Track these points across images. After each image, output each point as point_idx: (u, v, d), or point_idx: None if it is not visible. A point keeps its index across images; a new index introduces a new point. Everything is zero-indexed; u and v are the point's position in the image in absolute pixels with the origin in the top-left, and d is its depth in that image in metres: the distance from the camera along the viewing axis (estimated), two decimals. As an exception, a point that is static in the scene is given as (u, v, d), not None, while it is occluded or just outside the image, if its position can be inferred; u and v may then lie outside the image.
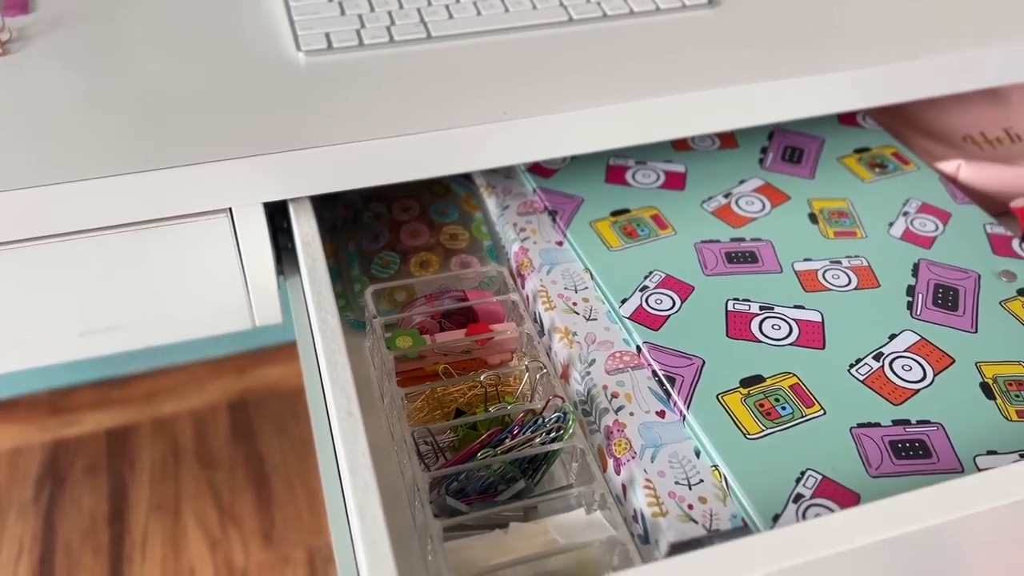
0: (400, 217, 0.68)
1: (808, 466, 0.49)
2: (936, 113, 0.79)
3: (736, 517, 0.48)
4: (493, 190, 0.70)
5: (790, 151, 0.71)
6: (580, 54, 0.65)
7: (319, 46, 0.64)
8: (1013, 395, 0.53)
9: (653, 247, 0.63)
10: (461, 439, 0.52)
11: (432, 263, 0.64)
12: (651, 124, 0.63)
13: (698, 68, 0.64)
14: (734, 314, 0.58)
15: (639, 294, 0.59)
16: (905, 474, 0.49)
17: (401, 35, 0.65)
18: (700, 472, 0.50)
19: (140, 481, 1.44)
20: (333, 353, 0.49)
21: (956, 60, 0.67)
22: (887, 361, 0.55)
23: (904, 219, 0.65)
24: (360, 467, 0.44)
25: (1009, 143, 0.77)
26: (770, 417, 0.51)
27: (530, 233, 0.65)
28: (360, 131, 0.57)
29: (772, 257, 0.62)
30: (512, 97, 0.61)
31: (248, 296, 0.62)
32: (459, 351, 0.57)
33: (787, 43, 0.67)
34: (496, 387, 0.54)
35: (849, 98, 0.66)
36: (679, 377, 0.54)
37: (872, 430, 0.51)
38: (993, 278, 0.60)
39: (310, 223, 0.58)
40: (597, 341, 0.57)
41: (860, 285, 0.60)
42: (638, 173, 0.69)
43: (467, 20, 0.67)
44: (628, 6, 0.69)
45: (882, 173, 0.69)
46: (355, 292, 0.62)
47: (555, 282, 0.61)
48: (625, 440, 0.51)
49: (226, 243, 0.59)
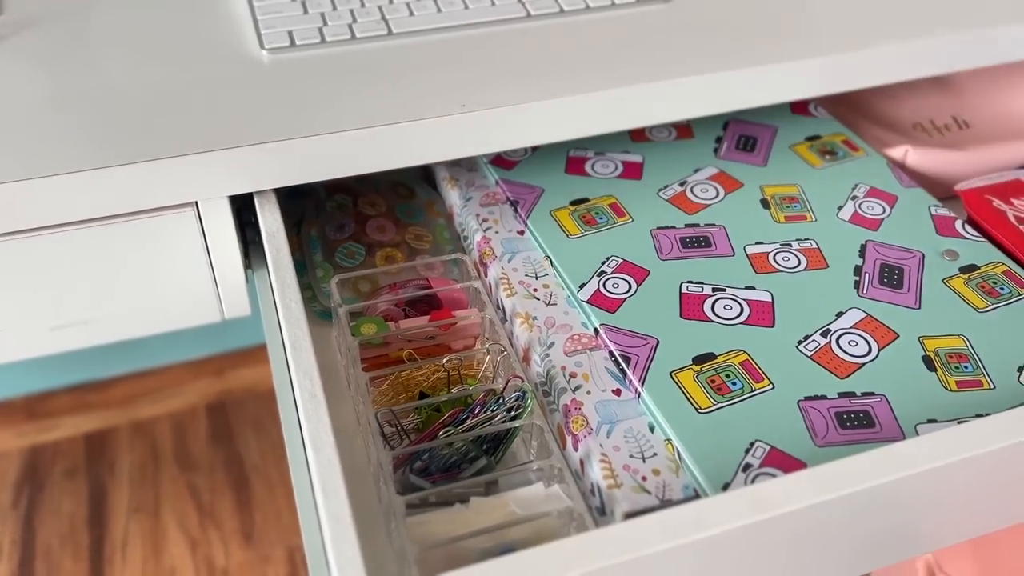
0: (367, 211, 0.69)
1: (757, 437, 0.51)
2: (887, 102, 0.82)
3: (688, 487, 0.50)
4: (456, 183, 0.71)
5: (744, 140, 0.74)
6: (538, 48, 0.67)
7: (282, 44, 0.66)
8: (953, 367, 0.55)
9: (611, 234, 0.65)
10: (425, 420, 0.54)
11: (397, 259, 0.66)
12: (608, 115, 0.65)
13: (654, 60, 0.66)
14: (688, 296, 0.60)
15: (597, 279, 0.61)
16: (849, 443, 0.51)
17: (363, 32, 0.67)
18: (654, 446, 0.52)
19: (119, 484, 1.45)
20: (297, 338, 0.51)
21: (903, 49, 0.69)
22: (834, 337, 0.57)
23: (853, 203, 0.67)
24: (324, 445, 0.46)
25: (957, 130, 0.80)
26: (721, 392, 0.53)
27: (492, 223, 0.67)
28: (322, 125, 0.59)
29: (725, 241, 0.64)
30: (471, 90, 0.62)
31: (216, 289, 0.64)
32: (423, 337, 0.59)
33: (739, 35, 0.69)
34: (459, 370, 0.56)
35: (800, 87, 0.69)
36: (634, 357, 0.56)
37: (818, 402, 0.53)
38: (937, 257, 0.63)
39: (275, 215, 0.59)
40: (556, 325, 0.59)
41: (809, 266, 0.62)
42: (597, 164, 0.71)
43: (428, 17, 0.69)
44: (584, 2, 0.71)
45: (832, 160, 0.72)
46: (318, 278, 0.64)
47: (516, 269, 0.63)
48: (582, 417, 0.53)
49: (193, 237, 0.60)
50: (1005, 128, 0.79)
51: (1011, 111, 0.81)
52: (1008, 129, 0.79)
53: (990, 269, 0.62)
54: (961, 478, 0.47)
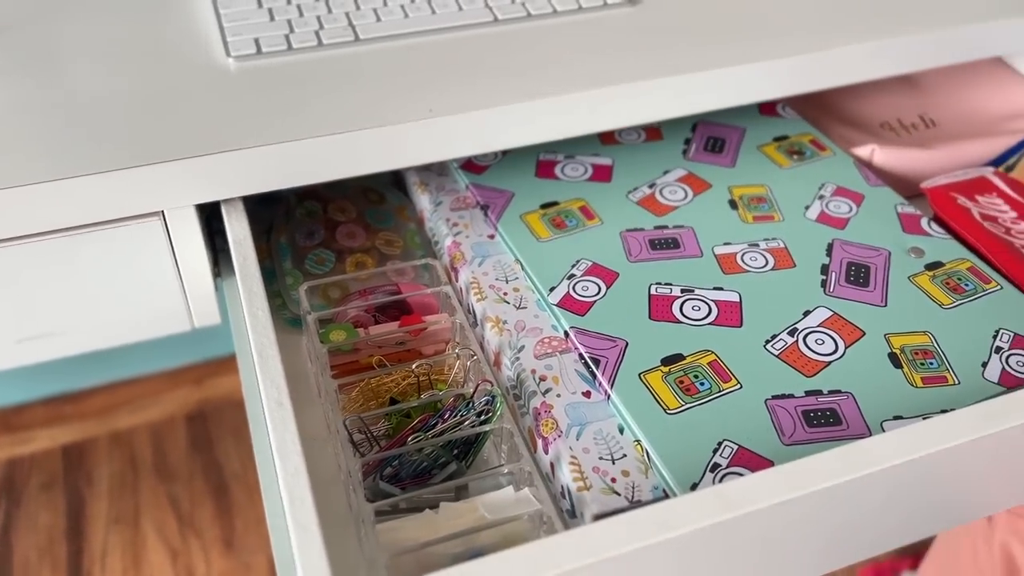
0: (336, 217, 0.69)
1: (725, 437, 0.51)
2: (855, 101, 0.83)
3: (657, 488, 0.50)
4: (426, 187, 0.71)
5: (712, 141, 0.74)
6: (505, 53, 0.67)
7: (248, 51, 0.65)
8: (919, 363, 0.56)
9: (580, 237, 0.65)
10: (395, 426, 0.54)
11: (368, 265, 0.66)
12: (577, 118, 0.65)
13: (621, 63, 0.66)
14: (656, 297, 0.60)
15: (567, 282, 0.61)
16: (816, 441, 0.51)
17: (330, 38, 0.67)
18: (623, 447, 0.52)
19: (98, 495, 1.43)
20: (264, 347, 0.51)
21: (869, 48, 0.70)
22: (801, 336, 0.57)
23: (820, 202, 0.68)
24: (290, 453, 0.45)
25: (924, 128, 0.80)
26: (689, 393, 0.54)
27: (462, 228, 0.67)
28: (289, 132, 0.59)
29: (693, 242, 0.64)
30: (438, 95, 0.63)
31: (185, 298, 0.63)
32: (393, 343, 0.59)
33: (706, 37, 0.69)
34: (429, 375, 0.56)
35: (767, 88, 0.69)
36: (604, 359, 0.56)
37: (786, 401, 0.53)
38: (903, 255, 0.63)
39: (242, 223, 0.59)
40: (527, 328, 0.59)
41: (777, 266, 0.62)
42: (567, 167, 0.72)
43: (394, 23, 0.69)
44: (551, 6, 0.72)
45: (800, 160, 0.72)
46: (287, 285, 0.64)
47: (486, 274, 0.63)
48: (552, 420, 0.53)
49: (160, 246, 0.60)
50: (971, 126, 0.80)
51: (976, 109, 0.82)
52: (974, 127, 0.80)
53: (955, 266, 0.62)
54: (926, 474, 0.47)
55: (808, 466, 0.45)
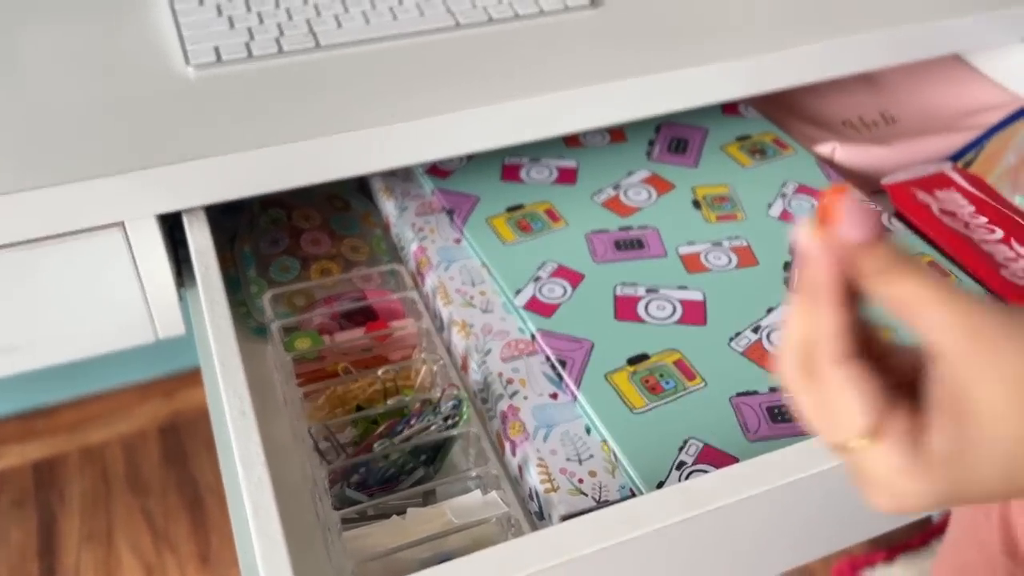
0: (301, 224, 0.69)
1: (690, 435, 0.52)
2: (817, 100, 0.84)
3: (624, 487, 0.50)
4: (392, 193, 0.71)
5: (676, 142, 0.74)
6: (468, 57, 0.67)
7: (208, 59, 0.65)
8: (880, 357, 0.56)
9: (546, 239, 0.65)
10: (361, 433, 0.53)
11: (333, 272, 0.65)
12: (540, 122, 0.65)
13: (584, 66, 0.66)
14: (622, 298, 0.60)
15: (533, 284, 0.61)
16: (781, 436, 0.52)
17: (290, 46, 0.67)
18: (590, 448, 0.52)
19: (70, 512, 1.41)
20: (227, 356, 0.50)
21: (826, 48, 0.71)
22: (765, 333, 0.58)
23: (782, 200, 0.68)
24: (254, 464, 0.45)
25: (885, 125, 0.82)
26: (655, 392, 0.54)
27: (428, 232, 0.67)
28: (249, 140, 0.58)
29: (658, 243, 0.65)
30: (401, 101, 0.62)
31: (148, 309, 0.63)
32: (359, 349, 0.58)
33: (668, 39, 0.70)
34: (395, 381, 0.56)
35: (729, 88, 0.70)
36: (570, 360, 0.56)
37: (750, 398, 0.54)
38: (863, 251, 0.64)
39: (204, 233, 0.58)
40: (493, 332, 0.59)
41: (740, 264, 0.63)
42: (532, 170, 0.72)
43: (356, 29, 0.69)
44: (513, 10, 0.72)
45: (762, 158, 0.73)
46: (252, 294, 0.63)
47: (453, 278, 0.63)
48: (519, 423, 0.53)
49: (121, 257, 0.60)
50: (930, 122, 0.81)
51: (936, 106, 0.84)
52: (933, 123, 0.81)
53: (915, 260, 0.63)
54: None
55: (770, 461, 0.45)
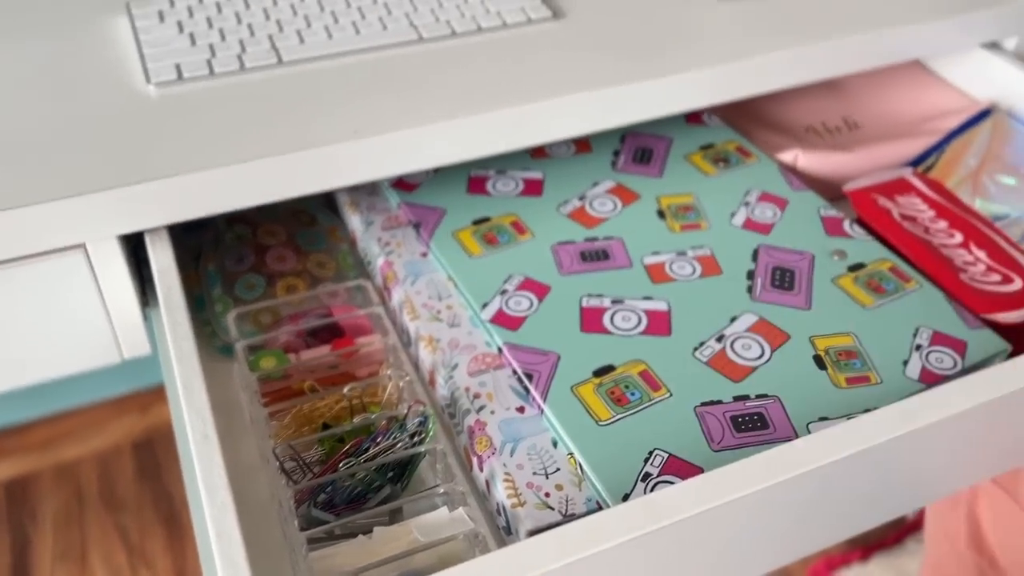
0: (266, 241, 0.68)
1: (656, 446, 0.52)
2: (780, 107, 0.85)
3: (591, 500, 0.51)
4: (357, 207, 0.71)
5: (640, 152, 0.75)
6: (431, 71, 0.68)
7: (169, 77, 0.65)
8: (843, 364, 0.57)
9: (512, 252, 0.65)
10: (328, 452, 0.53)
11: (299, 288, 0.65)
12: (505, 135, 0.65)
13: (548, 78, 0.67)
14: (587, 309, 0.61)
15: (499, 298, 0.61)
16: (744, 446, 0.52)
17: (252, 62, 0.66)
18: (557, 461, 0.53)
19: (43, 530, 1.40)
20: (189, 378, 0.50)
21: (788, 56, 0.72)
22: (728, 342, 0.58)
23: (745, 208, 0.69)
24: (217, 487, 0.45)
25: (847, 131, 0.83)
26: (620, 403, 0.54)
27: (394, 247, 0.67)
28: (212, 158, 0.58)
29: (623, 253, 0.65)
30: (363, 116, 0.62)
31: (113, 330, 0.62)
32: (326, 367, 0.58)
33: (631, 50, 0.70)
34: (361, 399, 0.56)
35: (692, 98, 0.70)
36: (536, 373, 0.56)
37: (714, 407, 0.54)
38: (826, 257, 0.65)
39: (166, 253, 0.58)
40: (460, 346, 0.59)
41: (704, 273, 0.63)
42: (498, 182, 0.72)
43: (318, 43, 0.69)
44: (476, 23, 0.72)
45: (726, 167, 0.73)
46: (217, 313, 0.63)
47: (419, 292, 0.63)
48: (486, 437, 0.54)
49: (84, 279, 0.59)
50: (891, 127, 0.82)
51: (897, 111, 0.85)
52: (893, 128, 0.82)
53: (877, 266, 0.64)
54: (849, 473, 0.49)
55: (733, 472, 0.46)
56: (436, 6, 0.74)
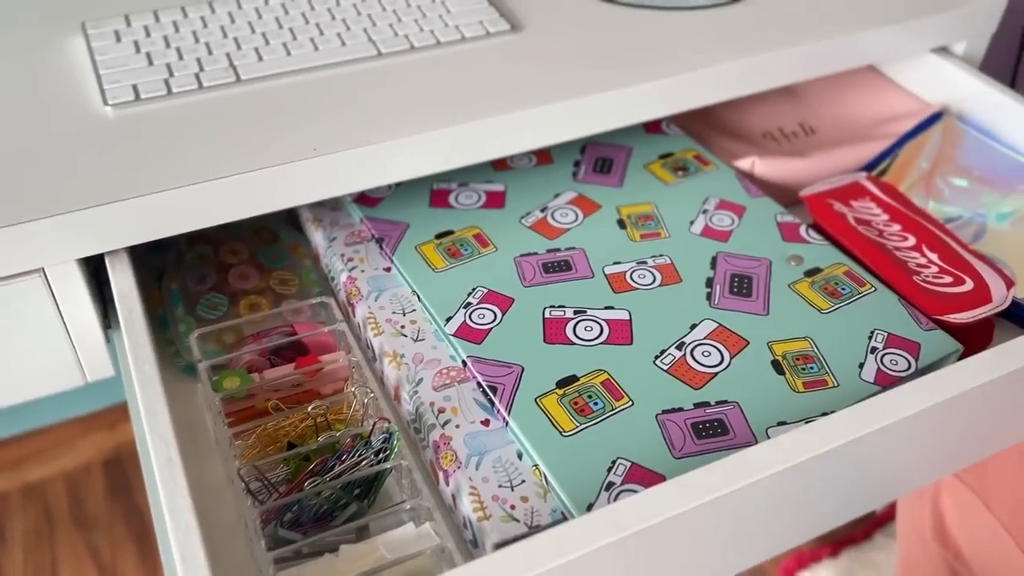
0: (228, 260, 0.68)
1: (619, 455, 0.53)
2: (737, 113, 0.86)
3: (556, 511, 0.51)
4: (320, 223, 0.71)
5: (601, 162, 0.76)
6: (391, 86, 0.68)
7: (127, 98, 0.64)
8: (800, 368, 0.58)
9: (476, 265, 0.66)
10: (294, 471, 0.54)
11: (262, 306, 0.65)
12: (465, 149, 0.66)
13: (508, 91, 0.67)
14: (550, 321, 0.61)
15: (463, 311, 0.62)
16: (705, 452, 0.53)
17: (210, 81, 0.66)
18: (522, 473, 0.53)
19: (12, 552, 1.38)
20: (152, 401, 0.50)
21: (744, 65, 0.73)
22: (688, 349, 0.59)
23: (704, 216, 0.70)
24: (181, 510, 0.45)
25: (804, 136, 0.84)
26: (583, 413, 0.55)
27: (358, 262, 0.67)
28: (171, 179, 0.58)
29: (585, 264, 0.66)
30: (323, 133, 0.63)
31: (75, 353, 0.62)
32: (290, 385, 0.58)
33: (589, 62, 0.71)
34: (326, 416, 0.56)
35: (650, 109, 0.71)
36: (501, 386, 0.57)
37: (675, 415, 0.55)
38: (783, 263, 0.66)
39: (126, 275, 0.58)
40: (425, 360, 0.60)
41: (664, 282, 0.64)
42: (461, 195, 0.72)
43: (277, 61, 0.69)
44: (434, 37, 0.72)
45: (684, 175, 0.74)
46: (180, 333, 0.63)
47: (383, 307, 0.64)
48: (451, 452, 0.54)
49: (44, 303, 0.59)
50: (848, 132, 0.84)
51: (853, 115, 0.86)
52: (851, 133, 0.84)
53: (832, 271, 0.65)
54: (806, 477, 0.50)
55: (694, 480, 0.47)
56: (395, 21, 0.74)
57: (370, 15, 0.75)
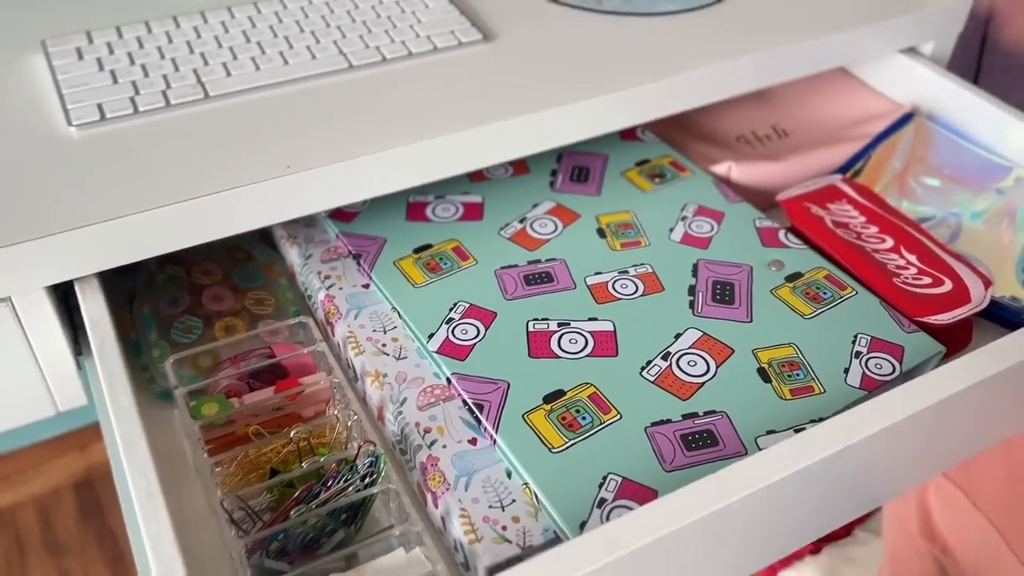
0: (201, 281, 0.67)
1: (609, 470, 0.52)
2: (711, 118, 0.86)
3: (548, 530, 0.50)
4: (295, 240, 0.70)
5: (578, 171, 0.75)
6: (364, 99, 0.67)
7: (92, 118, 0.63)
8: (786, 375, 0.58)
9: (456, 279, 0.65)
10: (278, 499, 0.52)
11: (238, 328, 0.64)
12: (441, 162, 0.65)
13: (482, 103, 0.67)
14: (534, 334, 0.60)
15: (445, 327, 0.61)
16: (696, 464, 0.53)
17: (178, 98, 0.65)
18: (512, 492, 0.52)
19: (-19, 582, 1.34)
20: (129, 436, 0.48)
21: (717, 70, 0.73)
22: (674, 359, 0.59)
23: (683, 223, 0.70)
24: (164, 545, 0.44)
25: (777, 139, 0.84)
26: (572, 428, 0.54)
27: (335, 279, 0.66)
28: (140, 201, 0.56)
29: (566, 275, 0.65)
30: (296, 149, 0.61)
31: (45, 383, 0.60)
32: (270, 409, 0.57)
33: (563, 70, 0.71)
34: (309, 440, 0.55)
35: (628, 115, 0.71)
36: (487, 403, 0.56)
37: (664, 427, 0.55)
38: (764, 269, 0.66)
39: (98, 301, 0.56)
40: (408, 379, 0.59)
41: (646, 291, 0.64)
42: (438, 207, 0.71)
43: (246, 76, 0.67)
44: (406, 48, 0.71)
45: (662, 182, 0.74)
46: (155, 358, 0.61)
47: (363, 326, 0.63)
48: (439, 473, 0.53)
49: (12, 333, 0.57)
50: (821, 134, 0.84)
51: (824, 116, 0.87)
52: (824, 134, 0.84)
53: (813, 275, 0.65)
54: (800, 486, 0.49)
55: (686, 496, 0.46)
56: (365, 32, 0.73)
57: (339, 27, 0.73)
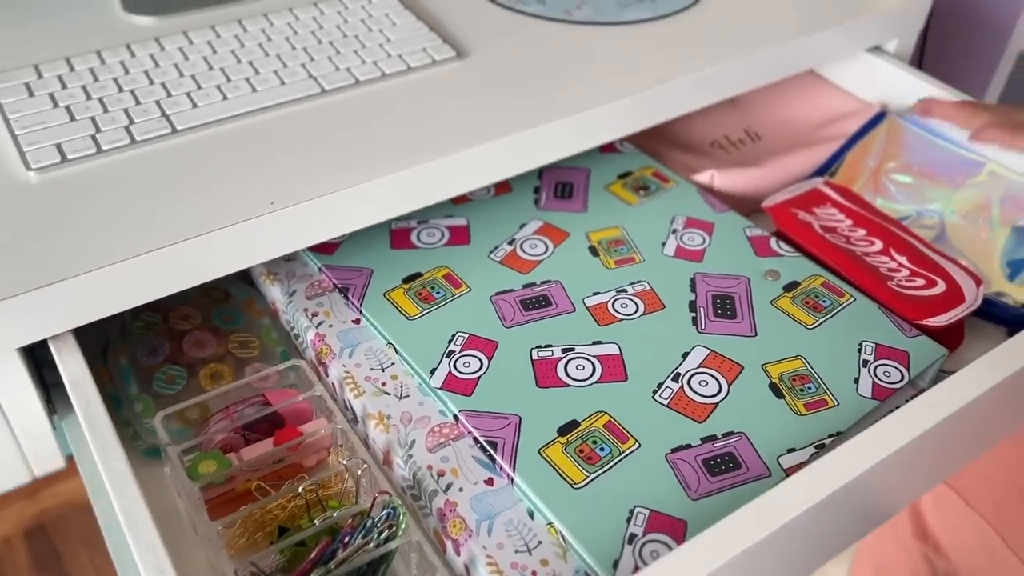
0: (180, 326, 0.63)
1: (636, 503, 0.51)
2: (684, 124, 0.85)
3: (579, 571, 0.49)
4: (275, 277, 0.66)
5: (561, 187, 0.73)
6: (340, 126, 0.64)
7: (51, 161, 0.58)
8: (798, 389, 0.57)
9: (451, 308, 0.62)
10: (290, 559, 0.49)
11: (224, 375, 0.60)
12: (424, 189, 0.62)
13: (461, 125, 0.64)
14: (540, 362, 0.59)
15: (446, 360, 0.59)
16: (721, 489, 0.51)
17: (143, 134, 0.61)
18: (537, 534, 0.50)
19: (-69, 645, 1.26)
20: (131, 509, 0.45)
21: (693, 80, 0.72)
22: (685, 380, 0.58)
23: (674, 236, 0.69)
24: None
25: (750, 143, 0.84)
26: (591, 461, 0.53)
27: (324, 316, 0.63)
28: (113, 251, 0.52)
29: (564, 297, 0.63)
30: (277, 183, 0.58)
31: (19, 449, 0.56)
32: (270, 462, 0.54)
33: (538, 87, 0.69)
34: (317, 492, 0.52)
35: (608, 131, 0.69)
36: (500, 440, 0.54)
37: (685, 452, 0.53)
38: (760, 279, 0.65)
39: (75, 359, 0.52)
40: (414, 419, 0.56)
41: (647, 310, 0.62)
42: (422, 233, 0.69)
43: (213, 107, 0.63)
44: (379, 69, 0.69)
45: (647, 195, 0.73)
46: (138, 413, 0.57)
47: (359, 365, 0.60)
48: (459, 519, 0.51)
49: (-20, 400, 0.52)
50: (793, 136, 0.84)
51: (795, 118, 0.87)
52: (795, 136, 0.84)
53: (810, 283, 0.65)
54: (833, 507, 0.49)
55: (724, 530, 0.45)
56: (333, 54, 0.70)
57: (306, 49, 0.70)
